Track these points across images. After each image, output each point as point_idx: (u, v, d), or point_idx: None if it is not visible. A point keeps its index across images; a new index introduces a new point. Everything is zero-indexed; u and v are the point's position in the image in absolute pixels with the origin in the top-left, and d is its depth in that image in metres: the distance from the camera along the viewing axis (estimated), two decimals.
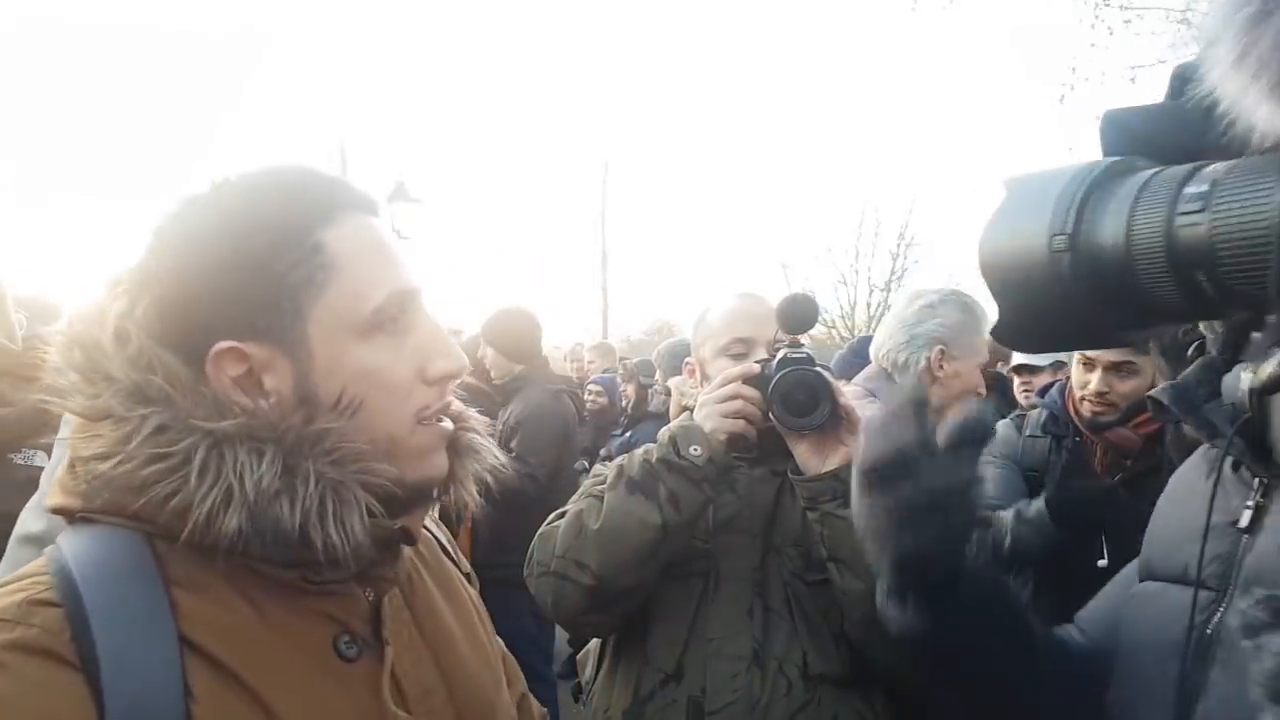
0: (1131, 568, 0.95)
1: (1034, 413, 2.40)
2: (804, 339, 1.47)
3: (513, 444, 3.35)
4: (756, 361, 1.43)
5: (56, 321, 0.73)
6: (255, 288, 0.67)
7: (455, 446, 0.82)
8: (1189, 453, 0.91)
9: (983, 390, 2.25)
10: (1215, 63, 0.58)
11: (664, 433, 1.40)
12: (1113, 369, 2.04)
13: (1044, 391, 2.41)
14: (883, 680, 1.46)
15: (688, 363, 1.67)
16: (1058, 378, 3.66)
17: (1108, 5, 8.23)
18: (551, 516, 1.46)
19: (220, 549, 0.64)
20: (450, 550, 0.98)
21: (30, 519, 1.39)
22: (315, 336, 0.69)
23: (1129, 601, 0.90)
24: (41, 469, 1.80)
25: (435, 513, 0.95)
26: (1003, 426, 2.43)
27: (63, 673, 0.59)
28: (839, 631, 1.41)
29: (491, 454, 0.85)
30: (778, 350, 1.43)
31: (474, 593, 0.97)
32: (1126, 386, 2.02)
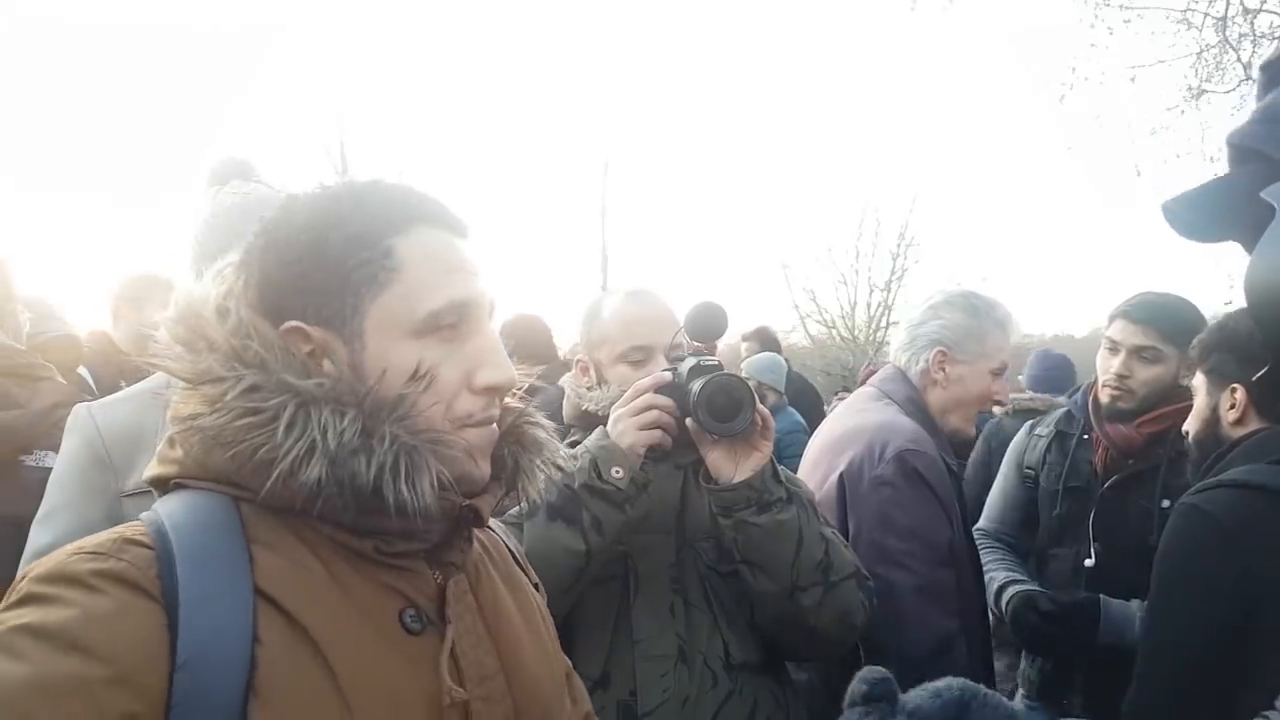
0: None
1: (1054, 412, 2.41)
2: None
3: None
4: (665, 370, 1.42)
5: (54, 322, 0.75)
6: (325, 278, 0.75)
7: (521, 440, 0.87)
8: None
9: (996, 399, 2.19)
10: None
11: (582, 454, 1.36)
12: (1135, 353, 2.04)
13: (1074, 392, 2.40)
14: (789, 659, 1.50)
15: (579, 360, 1.62)
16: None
17: (1108, 5, 8.18)
18: None
19: (297, 509, 0.70)
20: (520, 559, 1.00)
21: (37, 534, 1.34)
22: (370, 330, 0.76)
23: None
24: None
25: None
26: (1023, 431, 2.44)
27: (145, 602, 0.64)
28: (751, 619, 1.43)
29: (557, 448, 0.89)
30: (683, 356, 1.43)
31: (541, 601, 0.98)
32: (1147, 374, 2.03)
